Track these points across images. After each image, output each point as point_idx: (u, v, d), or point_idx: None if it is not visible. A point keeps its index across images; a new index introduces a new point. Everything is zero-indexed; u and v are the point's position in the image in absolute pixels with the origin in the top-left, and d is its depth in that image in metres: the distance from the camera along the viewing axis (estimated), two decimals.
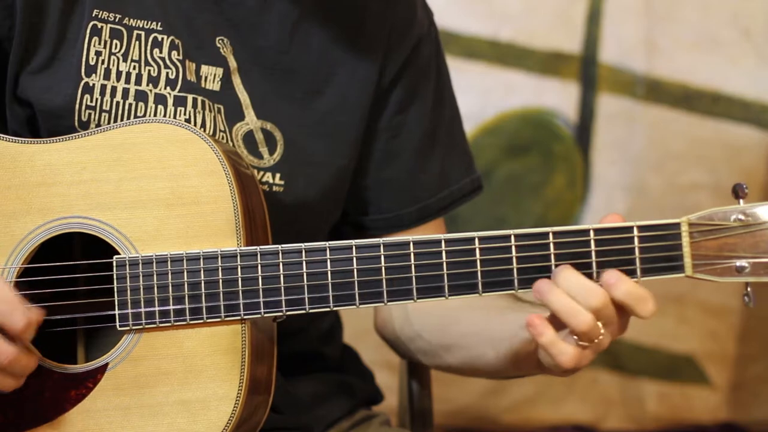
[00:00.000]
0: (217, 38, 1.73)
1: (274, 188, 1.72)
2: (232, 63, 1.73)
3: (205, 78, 1.72)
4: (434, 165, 1.85)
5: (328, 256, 1.53)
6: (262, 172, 1.72)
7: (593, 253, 1.50)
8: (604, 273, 1.49)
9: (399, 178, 1.83)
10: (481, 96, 3.18)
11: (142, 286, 1.54)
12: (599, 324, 1.48)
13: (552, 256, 1.50)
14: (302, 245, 1.53)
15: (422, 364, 1.90)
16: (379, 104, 1.81)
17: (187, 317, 1.53)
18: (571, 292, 1.48)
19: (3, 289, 1.48)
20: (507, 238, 1.51)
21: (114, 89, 1.68)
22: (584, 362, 1.50)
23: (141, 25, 1.70)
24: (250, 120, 1.73)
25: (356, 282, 1.53)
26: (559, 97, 3.21)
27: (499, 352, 1.65)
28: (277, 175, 1.73)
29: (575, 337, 1.48)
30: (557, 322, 1.49)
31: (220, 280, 1.53)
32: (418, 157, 1.83)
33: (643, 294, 1.48)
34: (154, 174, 1.56)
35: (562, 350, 1.48)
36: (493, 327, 1.68)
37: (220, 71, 1.72)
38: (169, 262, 1.54)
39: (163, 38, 1.70)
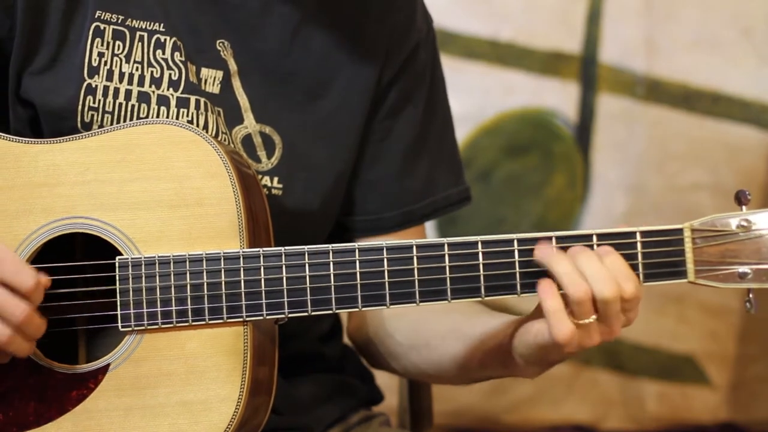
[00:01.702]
0: (218, 41, 1.72)
1: (273, 191, 1.72)
2: (233, 66, 1.73)
3: (205, 81, 1.71)
4: (421, 171, 1.84)
5: (331, 259, 1.53)
6: (260, 176, 1.71)
7: None
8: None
9: (385, 181, 1.82)
10: (480, 96, 3.18)
11: (144, 287, 1.54)
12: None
13: None
14: (305, 248, 1.53)
15: (392, 370, 1.89)
16: (374, 106, 1.80)
17: (190, 318, 1.54)
18: (579, 263, 1.48)
19: (7, 252, 1.48)
20: (510, 242, 1.51)
21: (117, 90, 1.67)
22: (572, 347, 1.48)
23: (144, 26, 1.70)
24: (249, 123, 1.73)
25: (359, 285, 1.53)
26: (559, 97, 3.21)
27: (466, 345, 1.66)
28: (275, 179, 1.73)
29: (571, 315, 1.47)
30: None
31: (223, 282, 1.53)
32: (405, 161, 1.82)
33: (629, 273, 1.48)
34: (158, 175, 1.56)
35: (561, 321, 1.46)
36: (465, 326, 1.68)
37: (220, 74, 1.72)
38: (171, 264, 1.54)
39: (165, 39, 1.70)
